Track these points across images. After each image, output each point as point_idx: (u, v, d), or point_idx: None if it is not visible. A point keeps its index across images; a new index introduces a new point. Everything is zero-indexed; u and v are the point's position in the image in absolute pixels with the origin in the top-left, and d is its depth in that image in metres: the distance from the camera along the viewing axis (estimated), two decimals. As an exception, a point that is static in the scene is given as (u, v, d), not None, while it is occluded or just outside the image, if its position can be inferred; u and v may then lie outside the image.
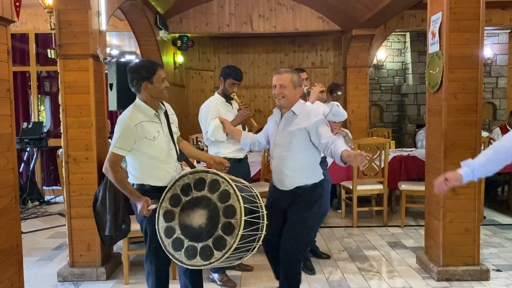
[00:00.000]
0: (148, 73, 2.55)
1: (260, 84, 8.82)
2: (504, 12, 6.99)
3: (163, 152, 2.62)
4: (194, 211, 2.42)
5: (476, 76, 3.42)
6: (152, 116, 2.59)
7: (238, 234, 2.26)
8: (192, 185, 2.48)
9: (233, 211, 2.31)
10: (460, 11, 3.36)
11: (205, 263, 2.33)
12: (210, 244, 2.32)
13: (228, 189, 2.36)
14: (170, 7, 6.48)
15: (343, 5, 6.24)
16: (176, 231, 2.45)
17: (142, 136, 2.51)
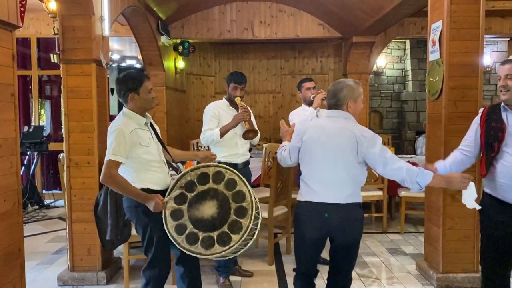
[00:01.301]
0: (135, 85, 2.60)
1: (261, 89, 8.86)
2: (503, 20, 7.04)
3: (155, 158, 2.68)
4: (203, 204, 2.51)
5: (476, 84, 3.46)
6: (143, 124, 2.66)
7: (252, 214, 2.42)
8: (195, 181, 2.56)
9: (242, 196, 2.47)
10: (460, 19, 3.40)
11: (224, 248, 2.41)
12: (226, 230, 2.44)
13: (233, 177, 2.51)
14: (172, 13, 6.52)
15: (344, 12, 6.28)
16: (188, 227, 2.50)
17: (136, 143, 2.56)
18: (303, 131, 2.50)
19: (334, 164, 2.38)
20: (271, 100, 8.84)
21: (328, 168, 2.39)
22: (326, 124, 2.47)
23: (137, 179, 2.66)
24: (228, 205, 2.47)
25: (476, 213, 3.52)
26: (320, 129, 2.46)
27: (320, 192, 2.41)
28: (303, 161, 2.50)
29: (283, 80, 8.70)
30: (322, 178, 2.41)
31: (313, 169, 2.44)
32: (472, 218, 3.51)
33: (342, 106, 2.44)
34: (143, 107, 2.65)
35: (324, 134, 2.41)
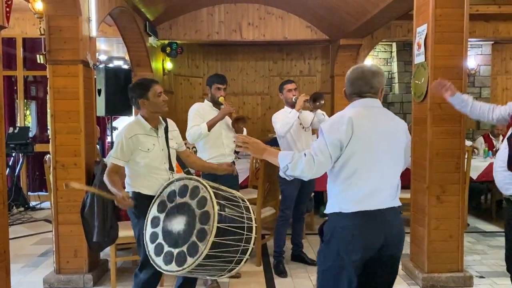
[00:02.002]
0: (143, 90, 2.71)
1: (249, 91, 8.87)
2: (487, 24, 7.17)
3: (156, 164, 2.73)
4: (176, 217, 2.44)
5: (460, 87, 3.51)
6: (148, 130, 2.73)
7: (209, 240, 2.22)
8: (177, 192, 2.53)
9: (207, 217, 2.29)
10: (445, 23, 3.46)
11: (178, 269, 2.32)
12: (184, 250, 2.32)
13: (205, 195, 2.36)
14: (160, 14, 6.51)
15: (331, 15, 6.34)
16: (159, 237, 2.48)
17: (136, 147, 2.67)
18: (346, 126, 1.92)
19: (392, 161, 2.04)
20: (259, 101, 8.86)
21: (387, 167, 2.01)
22: (375, 115, 2.03)
23: (132, 182, 2.76)
24: (194, 224, 2.34)
25: (460, 214, 3.58)
26: (371, 121, 1.99)
27: (376, 196, 1.97)
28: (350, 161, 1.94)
29: (271, 81, 8.72)
30: (380, 179, 1.99)
31: (367, 170, 1.96)
32: (457, 218, 3.57)
33: (376, 94, 2.07)
34: (154, 111, 2.74)
35: (380, 127, 2.00)
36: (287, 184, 3.90)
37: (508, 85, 9.51)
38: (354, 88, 2.07)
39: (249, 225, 2.43)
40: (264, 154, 2.07)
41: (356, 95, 2.07)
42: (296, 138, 3.94)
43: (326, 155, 1.92)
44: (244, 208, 2.48)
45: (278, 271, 3.91)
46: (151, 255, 2.48)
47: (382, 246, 1.98)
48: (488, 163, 5.58)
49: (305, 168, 1.92)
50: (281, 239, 4.02)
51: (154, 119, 2.77)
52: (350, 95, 2.10)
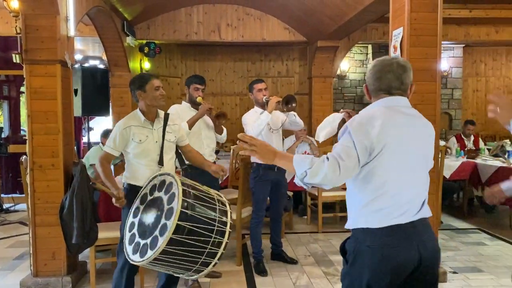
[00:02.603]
0: (141, 82, 2.84)
1: (227, 91, 8.89)
2: (458, 28, 7.41)
3: (148, 156, 2.85)
4: (150, 209, 2.50)
5: (435, 89, 3.63)
6: (142, 122, 2.86)
7: (167, 236, 2.23)
8: (157, 186, 2.59)
9: (171, 213, 2.31)
10: (420, 27, 3.56)
11: (140, 260, 2.36)
12: (148, 242, 2.37)
13: (175, 192, 2.38)
14: (138, 14, 6.46)
15: (309, 17, 6.42)
16: (135, 227, 2.55)
17: (129, 138, 2.82)
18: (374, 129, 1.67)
19: (425, 169, 1.81)
20: (238, 102, 8.89)
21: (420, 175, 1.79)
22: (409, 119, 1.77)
23: (128, 174, 2.91)
24: (160, 218, 2.38)
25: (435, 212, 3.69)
26: (405, 125, 1.74)
27: (408, 208, 1.72)
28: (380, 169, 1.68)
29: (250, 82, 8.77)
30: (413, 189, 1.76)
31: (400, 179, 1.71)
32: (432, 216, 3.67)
33: (406, 92, 1.81)
34: (151, 104, 2.84)
35: (413, 132, 1.76)
36: (257, 186, 3.94)
37: (479, 87, 9.84)
38: (382, 83, 1.78)
39: (222, 229, 2.39)
40: (276, 159, 1.75)
41: (383, 91, 1.78)
42: (267, 140, 3.87)
43: (353, 159, 1.63)
44: (220, 212, 2.45)
45: (259, 270, 3.95)
46: (126, 242, 2.55)
47: (417, 265, 1.70)
48: (460, 162, 5.77)
49: (328, 175, 1.60)
50: (258, 239, 4.05)
51: (151, 112, 2.88)
52: (377, 91, 1.80)
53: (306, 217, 5.73)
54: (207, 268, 2.43)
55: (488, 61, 9.74)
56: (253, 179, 3.96)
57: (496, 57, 9.74)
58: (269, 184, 3.93)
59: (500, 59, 9.76)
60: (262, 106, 3.93)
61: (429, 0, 3.55)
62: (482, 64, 9.76)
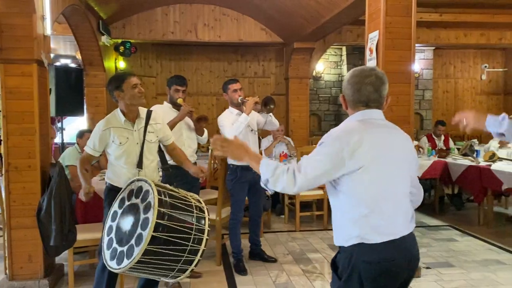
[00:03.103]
0: (117, 82, 2.77)
1: (204, 91, 8.89)
2: (429, 31, 7.65)
3: (129, 157, 2.80)
4: (128, 215, 2.47)
5: (409, 90, 3.76)
6: (123, 123, 2.79)
7: (142, 247, 2.24)
8: (134, 192, 2.56)
9: (146, 224, 2.30)
10: (395, 30, 3.68)
11: (117, 267, 2.36)
12: (125, 250, 2.36)
13: (151, 201, 2.36)
14: (113, 13, 6.39)
15: (286, 19, 6.50)
16: (113, 231, 2.52)
17: (109, 140, 2.78)
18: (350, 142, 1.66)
19: (403, 182, 1.78)
20: (214, 102, 8.90)
21: (403, 189, 1.77)
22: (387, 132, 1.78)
23: (109, 173, 2.89)
24: (136, 227, 2.36)
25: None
26: (377, 138, 1.72)
27: (398, 223, 1.72)
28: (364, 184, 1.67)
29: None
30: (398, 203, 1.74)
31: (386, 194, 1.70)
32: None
33: (382, 105, 1.81)
34: (130, 103, 2.78)
35: (386, 144, 1.73)
36: (236, 188, 3.94)
37: (448, 88, 10.17)
38: (361, 95, 1.76)
39: (199, 237, 2.39)
40: (245, 159, 1.81)
41: (362, 103, 1.77)
42: (245, 140, 3.89)
43: (319, 171, 1.65)
44: (197, 219, 2.45)
45: (238, 269, 3.98)
46: (104, 246, 2.53)
47: (406, 276, 1.77)
48: (431, 162, 5.97)
49: (286, 187, 1.68)
50: (237, 239, 4.06)
51: (132, 112, 2.81)
52: (355, 103, 1.78)
53: (283, 216, 5.80)
54: (184, 274, 2.44)
55: (457, 63, 10.09)
56: (230, 180, 3.95)
57: (465, 60, 10.10)
58: (247, 185, 3.95)
59: (468, 61, 10.13)
60: (237, 106, 3.92)
61: (403, 5, 3.67)
62: (451, 66, 10.10)
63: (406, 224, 1.74)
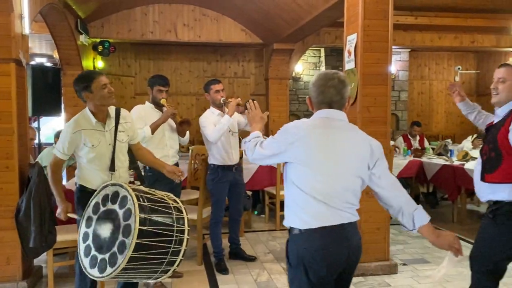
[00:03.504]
0: (86, 83, 2.63)
1: (183, 91, 8.87)
2: (405, 33, 7.82)
3: (101, 160, 2.70)
4: (105, 222, 2.42)
5: (386, 92, 3.85)
6: (94, 124, 2.67)
7: (126, 255, 2.23)
8: (109, 197, 2.49)
9: (129, 231, 2.27)
10: (373, 33, 3.77)
11: (99, 275, 2.33)
12: (106, 258, 2.32)
13: (131, 207, 2.32)
14: (92, 12, 6.32)
15: (266, 20, 6.56)
16: (89, 238, 2.47)
17: (80, 143, 2.64)
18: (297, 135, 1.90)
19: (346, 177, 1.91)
20: (194, 102, 8.89)
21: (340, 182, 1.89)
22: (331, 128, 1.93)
23: (82, 175, 2.76)
24: (117, 234, 2.32)
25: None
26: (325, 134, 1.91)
27: (334, 211, 1.87)
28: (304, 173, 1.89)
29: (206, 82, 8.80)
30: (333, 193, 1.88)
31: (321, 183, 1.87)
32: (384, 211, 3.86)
33: (344, 105, 1.97)
34: (100, 104, 2.66)
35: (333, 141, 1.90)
36: (216, 188, 3.96)
37: (423, 89, 10.42)
38: (325, 97, 1.94)
39: (180, 238, 2.40)
40: (252, 125, 2.24)
41: (325, 104, 1.95)
42: (226, 143, 3.92)
43: (269, 152, 1.96)
44: (177, 220, 2.45)
45: (220, 268, 4.00)
46: (81, 254, 2.48)
47: (345, 265, 1.91)
48: (407, 161, 6.12)
49: (248, 152, 2.07)
50: (218, 239, 4.07)
51: (101, 112, 2.70)
52: (319, 104, 1.96)
53: (264, 216, 5.85)
54: (166, 275, 2.46)
55: (431, 65, 10.35)
56: (211, 180, 3.96)
57: (439, 62, 10.37)
58: (228, 185, 3.98)
59: (442, 63, 10.40)
60: (218, 107, 3.95)
61: (381, 8, 3.77)
62: (426, 68, 10.35)
63: (344, 215, 1.88)
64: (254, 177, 5.32)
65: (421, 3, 6.48)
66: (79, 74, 2.72)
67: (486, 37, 8.01)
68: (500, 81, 2.48)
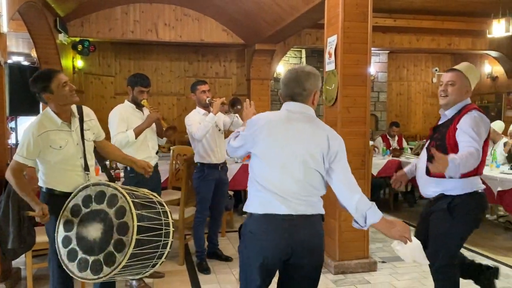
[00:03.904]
0: (45, 82, 2.49)
1: (164, 91, 8.82)
2: (384, 35, 7.96)
3: (70, 161, 2.59)
4: (91, 223, 2.38)
5: (365, 92, 3.93)
6: (60, 125, 2.55)
7: (127, 252, 2.23)
8: (93, 197, 2.45)
9: (126, 229, 2.27)
10: (352, 35, 3.84)
11: (94, 277, 2.30)
12: (101, 259, 2.30)
13: (124, 205, 2.32)
14: (72, 11, 6.24)
15: (247, 20, 6.59)
16: (73, 242, 2.42)
17: (47, 146, 2.49)
18: (256, 126, 2.04)
19: (297, 169, 1.97)
20: (174, 102, 8.86)
21: (290, 173, 1.97)
22: (288, 120, 2.01)
23: (49, 179, 2.60)
24: (111, 233, 2.30)
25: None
26: (280, 126, 2.01)
27: (280, 201, 1.96)
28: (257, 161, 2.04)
29: (187, 82, 8.75)
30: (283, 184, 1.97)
31: (271, 173, 1.98)
32: (363, 210, 3.98)
33: (307, 98, 2.05)
34: (63, 103, 2.54)
35: (287, 132, 1.99)
36: (202, 186, 3.98)
37: (402, 91, 10.61)
38: (287, 90, 2.06)
39: (167, 231, 2.44)
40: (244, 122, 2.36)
41: (289, 97, 2.06)
42: (212, 141, 3.95)
43: (238, 143, 2.13)
44: (162, 214, 2.49)
45: (201, 268, 4.01)
46: (64, 259, 2.42)
47: (289, 254, 1.98)
48: (386, 161, 6.24)
49: (227, 145, 2.23)
50: (201, 238, 4.09)
51: (65, 112, 2.57)
52: (284, 97, 2.09)
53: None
54: (154, 269, 2.48)
55: (410, 66, 10.54)
56: (197, 178, 3.99)
57: (417, 63, 10.57)
58: (213, 183, 4.00)
59: (420, 65, 10.60)
60: (204, 107, 3.98)
61: (360, 11, 3.84)
62: (404, 70, 10.54)
63: (294, 206, 1.96)
64: (235, 177, 5.34)
65: (400, 5, 6.61)
66: (34, 74, 2.53)
67: (462, 40, 8.20)
68: (450, 84, 2.66)
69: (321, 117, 3.21)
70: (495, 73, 9.13)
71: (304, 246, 1.99)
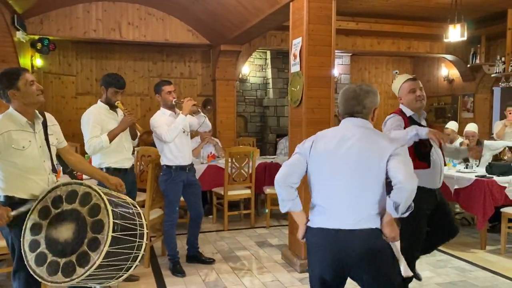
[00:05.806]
0: (12, 80, 2.44)
1: (128, 91, 8.58)
2: (347, 38, 8.14)
3: (33, 163, 2.51)
4: (62, 224, 2.29)
5: (329, 94, 4.02)
6: (24, 124, 2.48)
7: (103, 250, 2.16)
8: (63, 197, 2.37)
9: (101, 226, 2.21)
10: (316, 37, 3.92)
11: (65, 279, 2.20)
12: (73, 260, 2.21)
13: (99, 203, 2.26)
14: (30, 7, 6.02)
15: (213, 21, 6.58)
16: (41, 245, 2.33)
17: (9, 145, 2.40)
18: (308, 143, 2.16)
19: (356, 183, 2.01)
20: (138, 102, 8.71)
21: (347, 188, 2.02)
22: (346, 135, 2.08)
23: (8, 185, 2.49)
24: (84, 232, 2.22)
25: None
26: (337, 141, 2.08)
27: (333, 216, 2.03)
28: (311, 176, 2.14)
29: (151, 82, 8.62)
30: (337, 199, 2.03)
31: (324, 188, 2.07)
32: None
33: (367, 116, 2.14)
34: (28, 103, 2.48)
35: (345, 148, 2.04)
36: (170, 188, 3.91)
37: (364, 92, 10.85)
38: (346, 108, 2.16)
39: (141, 232, 2.40)
40: None
41: (348, 115, 2.15)
42: (179, 143, 3.90)
43: (295, 160, 2.17)
44: (136, 215, 2.44)
45: (176, 271, 3.93)
46: (31, 265, 2.32)
47: (343, 267, 2.01)
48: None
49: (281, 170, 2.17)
50: (173, 242, 4.01)
51: (29, 113, 2.50)
52: (343, 114, 2.18)
53: (211, 216, 5.87)
54: (129, 272, 2.42)
55: (371, 69, 10.82)
56: (164, 181, 3.91)
57: (378, 66, 10.87)
58: (181, 185, 3.94)
59: (381, 67, 10.91)
60: (170, 108, 3.93)
61: (325, 14, 3.93)
62: (366, 72, 10.81)
63: (346, 221, 2.00)
64: (201, 177, 5.33)
65: (362, 9, 6.79)
66: (1, 71, 2.48)
67: (421, 43, 8.50)
68: (423, 89, 3.07)
69: (283, 118, 3.26)
70: (451, 76, 9.51)
71: (357, 260, 1.98)
